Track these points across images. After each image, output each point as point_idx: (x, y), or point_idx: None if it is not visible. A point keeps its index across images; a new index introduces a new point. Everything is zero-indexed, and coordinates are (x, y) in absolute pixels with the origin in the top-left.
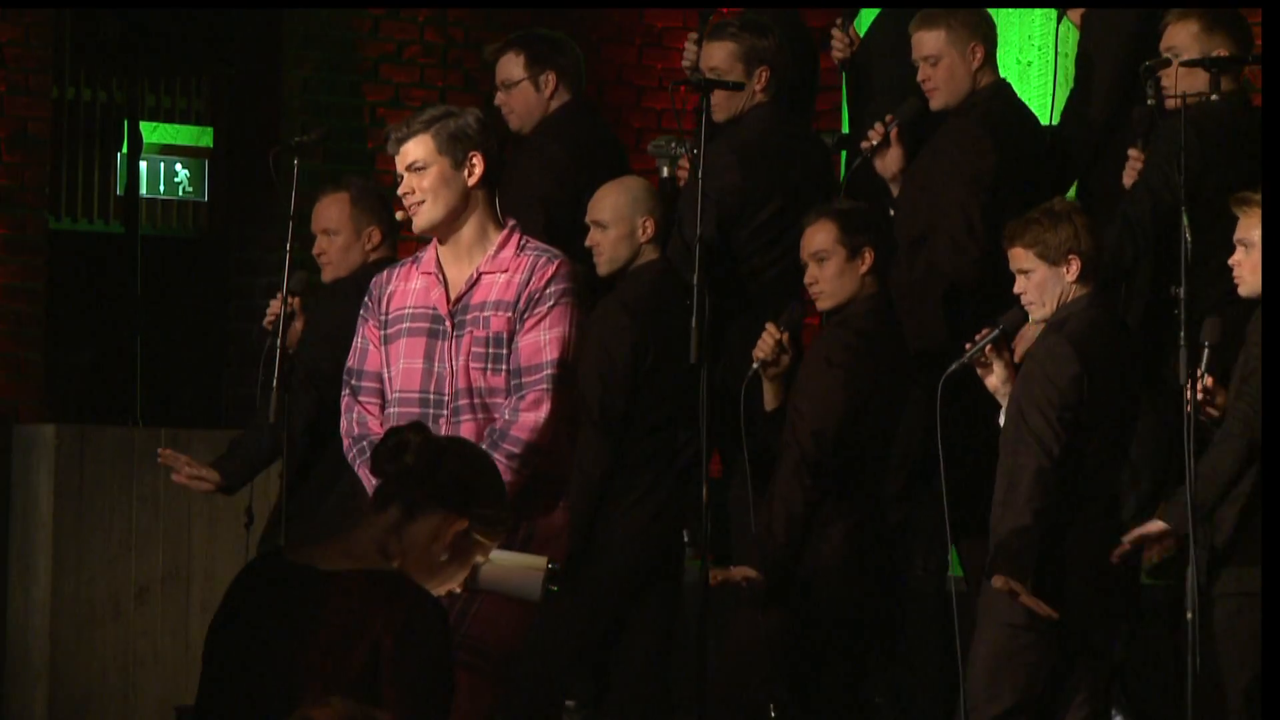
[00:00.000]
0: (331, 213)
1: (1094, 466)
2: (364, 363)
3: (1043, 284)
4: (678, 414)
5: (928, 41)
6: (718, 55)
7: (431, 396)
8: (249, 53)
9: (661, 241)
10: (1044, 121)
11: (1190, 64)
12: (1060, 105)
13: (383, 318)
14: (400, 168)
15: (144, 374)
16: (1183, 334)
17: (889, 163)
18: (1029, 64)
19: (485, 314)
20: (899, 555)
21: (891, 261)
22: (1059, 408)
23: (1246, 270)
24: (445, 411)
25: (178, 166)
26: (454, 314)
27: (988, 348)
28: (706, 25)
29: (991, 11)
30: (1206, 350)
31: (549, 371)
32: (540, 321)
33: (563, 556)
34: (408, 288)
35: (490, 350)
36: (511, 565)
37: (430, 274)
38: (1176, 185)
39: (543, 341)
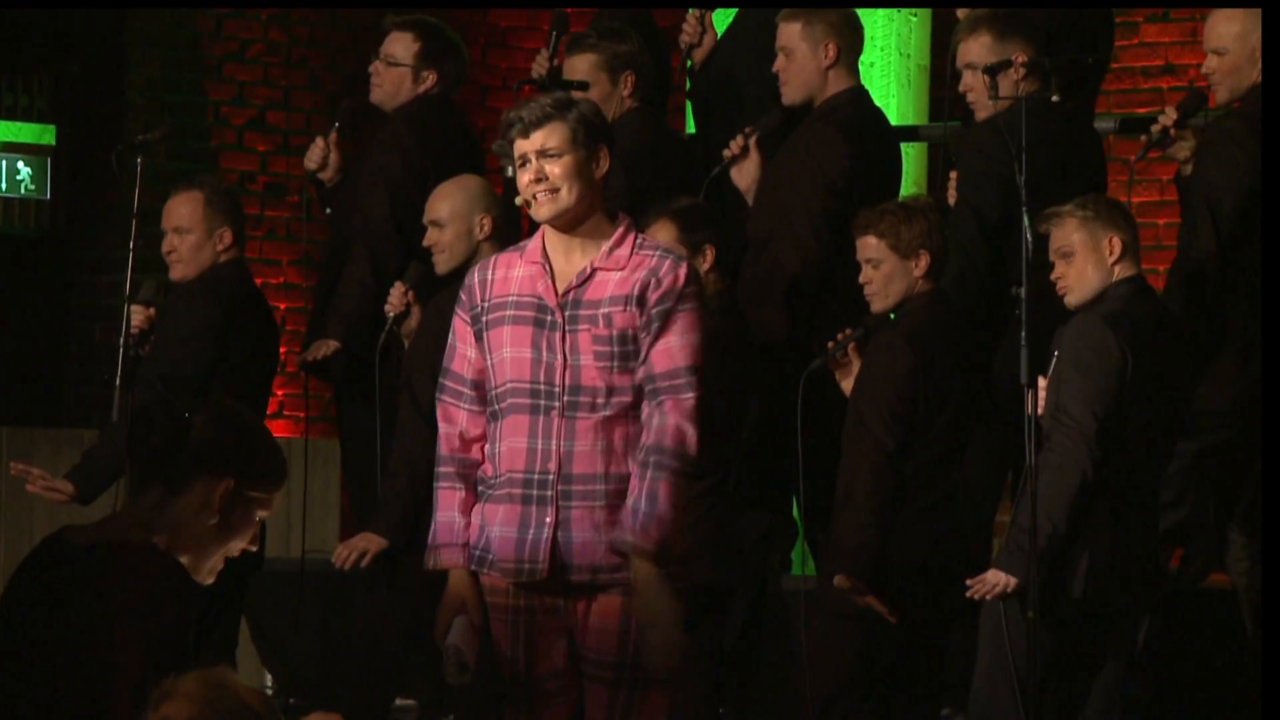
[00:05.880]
0: (184, 211)
1: (930, 462)
2: (451, 361)
3: (890, 276)
4: None
5: (784, 33)
6: (580, 68)
7: (542, 387)
8: (91, 50)
9: (500, 239)
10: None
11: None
12: (901, 106)
13: (482, 304)
14: (527, 149)
15: None
16: (1024, 334)
17: (745, 173)
18: (871, 65)
19: (604, 310)
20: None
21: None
22: (892, 402)
23: (1072, 279)
24: (558, 404)
25: (19, 164)
26: (563, 306)
27: (850, 346)
28: (556, 38)
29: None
30: (1056, 358)
31: (687, 378)
32: (673, 327)
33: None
34: (510, 275)
35: (616, 349)
36: None
37: (536, 263)
38: (992, 195)
39: (676, 347)
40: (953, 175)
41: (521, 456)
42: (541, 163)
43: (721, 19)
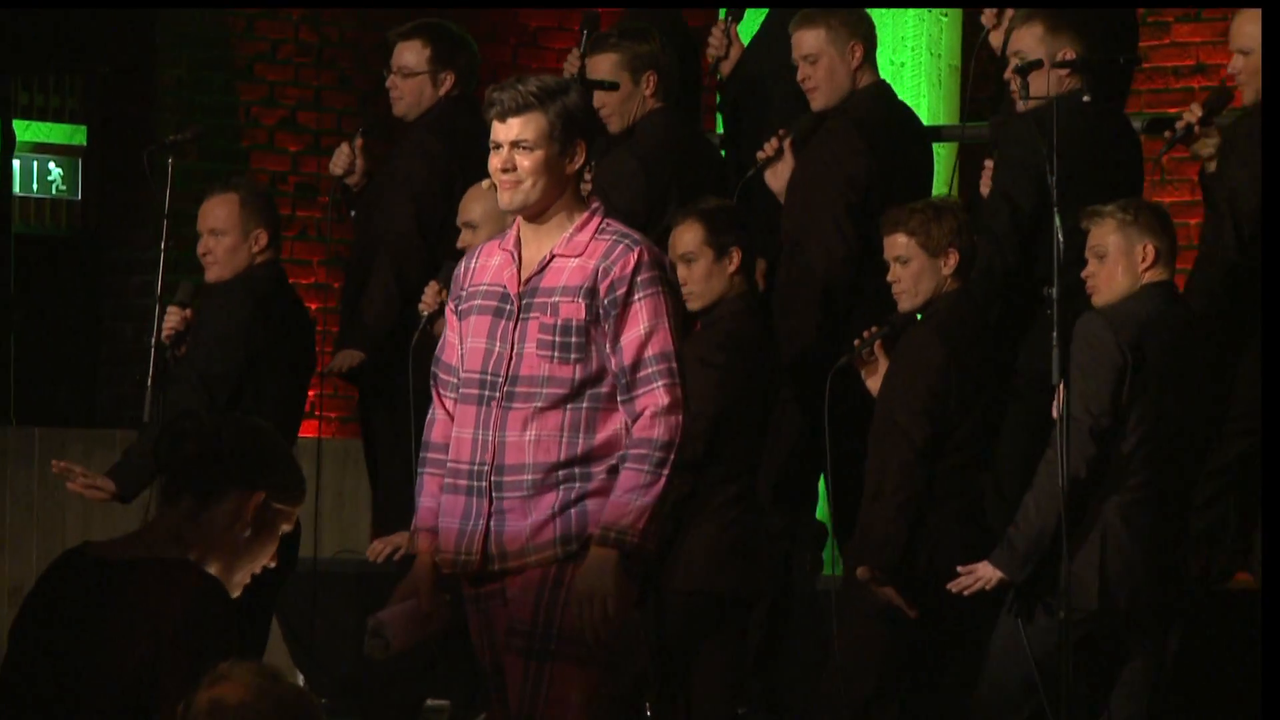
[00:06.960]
0: (220, 213)
1: (960, 464)
2: (441, 351)
3: (919, 274)
4: None
5: (807, 40)
6: (602, 68)
7: (488, 378)
8: (123, 51)
9: None
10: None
11: (1063, 65)
12: (932, 106)
13: (461, 293)
14: (500, 137)
15: (17, 373)
16: (1055, 333)
17: (779, 175)
18: (902, 65)
19: (554, 299)
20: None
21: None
22: (924, 397)
23: (1101, 280)
24: (498, 394)
25: (51, 165)
26: (522, 295)
27: (876, 345)
28: (587, 38)
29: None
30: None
31: (655, 368)
32: (635, 317)
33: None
34: (488, 264)
35: (558, 339)
36: None
37: (508, 251)
38: (1028, 187)
39: (641, 337)
40: (988, 164)
41: (466, 447)
42: (513, 153)
43: (747, 27)
